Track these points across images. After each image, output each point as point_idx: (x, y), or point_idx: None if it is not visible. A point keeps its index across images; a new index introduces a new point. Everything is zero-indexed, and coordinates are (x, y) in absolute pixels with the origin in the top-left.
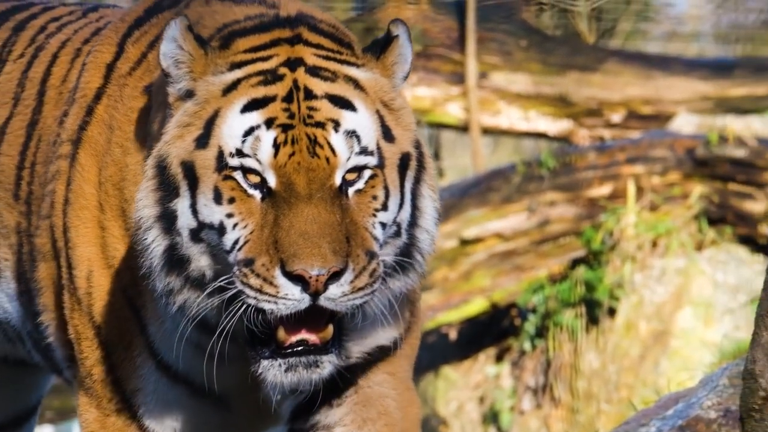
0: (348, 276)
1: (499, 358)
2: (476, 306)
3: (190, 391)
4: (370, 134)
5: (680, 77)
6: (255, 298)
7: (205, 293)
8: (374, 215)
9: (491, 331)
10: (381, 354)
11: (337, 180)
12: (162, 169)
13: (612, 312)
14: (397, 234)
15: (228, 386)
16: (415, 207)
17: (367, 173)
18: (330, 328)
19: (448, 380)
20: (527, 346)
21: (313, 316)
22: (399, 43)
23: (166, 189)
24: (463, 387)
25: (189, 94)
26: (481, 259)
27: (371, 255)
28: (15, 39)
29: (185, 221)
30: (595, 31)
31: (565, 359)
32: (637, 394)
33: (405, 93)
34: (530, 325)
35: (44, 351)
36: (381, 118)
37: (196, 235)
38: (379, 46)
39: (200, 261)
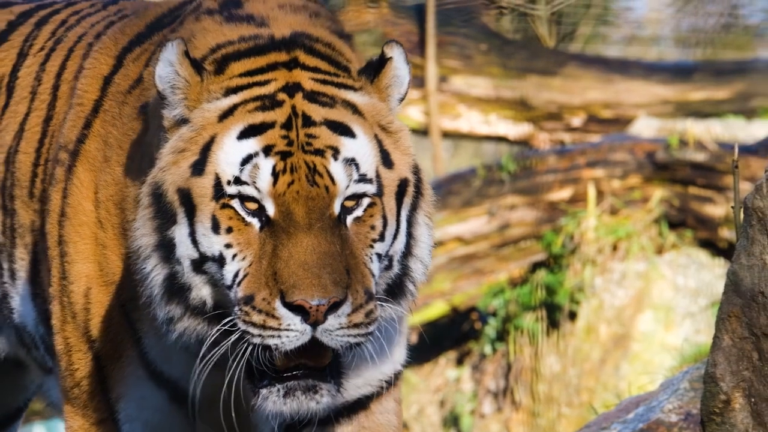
0: (346, 308)
1: (459, 362)
2: (437, 309)
3: (172, 395)
4: (369, 161)
5: (640, 81)
6: (260, 335)
7: (209, 330)
8: (371, 246)
9: (452, 334)
10: (395, 380)
11: (336, 209)
12: (158, 196)
13: (573, 315)
14: (389, 267)
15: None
16: (410, 236)
17: (365, 201)
18: (328, 355)
19: (409, 384)
20: (488, 349)
21: (312, 350)
22: (393, 65)
23: (163, 217)
24: (423, 390)
25: (184, 121)
26: (442, 263)
27: (369, 295)
28: (37, 33)
29: (185, 251)
30: (555, 35)
31: (525, 363)
32: (597, 397)
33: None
34: (491, 329)
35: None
36: (379, 143)
37: (198, 266)
38: (373, 69)
39: (202, 290)
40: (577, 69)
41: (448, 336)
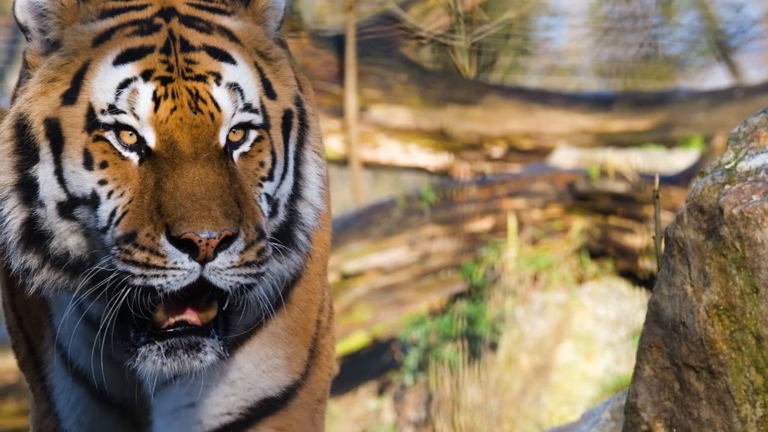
0: (238, 244)
1: (380, 392)
2: (357, 340)
3: (92, 393)
4: (252, 89)
5: (560, 111)
6: (142, 275)
7: (78, 279)
8: (260, 185)
9: (372, 365)
10: (268, 408)
11: (222, 139)
12: (21, 129)
13: (493, 346)
14: (274, 213)
15: (125, 390)
16: (298, 175)
17: (252, 134)
18: (213, 308)
19: (330, 414)
20: (408, 380)
21: (195, 298)
22: None
23: (26, 152)
24: (344, 421)
25: (55, 46)
26: (362, 293)
27: (261, 233)
28: None
29: (50, 191)
30: (475, 66)
31: (446, 393)
32: (519, 428)
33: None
34: (411, 359)
35: None
36: (260, 72)
37: (66, 211)
38: None
39: (67, 240)
40: (498, 99)
41: (369, 366)
